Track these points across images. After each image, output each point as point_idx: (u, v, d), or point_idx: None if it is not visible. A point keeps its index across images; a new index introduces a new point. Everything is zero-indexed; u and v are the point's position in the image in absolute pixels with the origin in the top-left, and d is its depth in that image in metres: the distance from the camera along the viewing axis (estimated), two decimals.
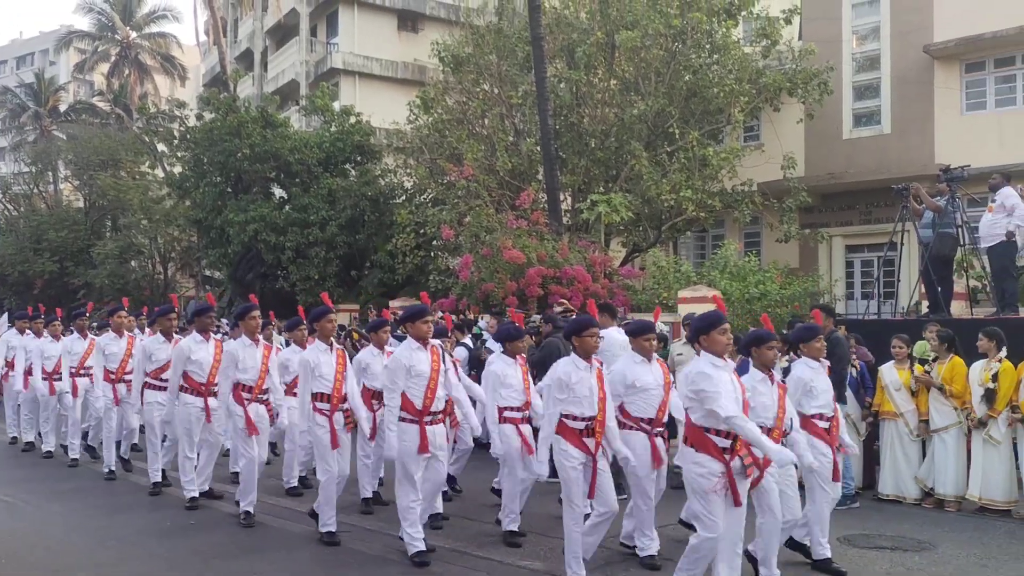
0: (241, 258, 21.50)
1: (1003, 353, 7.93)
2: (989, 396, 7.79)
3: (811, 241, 18.13)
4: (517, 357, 7.06)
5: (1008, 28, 16.50)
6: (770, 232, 18.47)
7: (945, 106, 17.69)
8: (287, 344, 9.33)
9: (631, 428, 6.01)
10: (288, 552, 6.60)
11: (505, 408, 6.89)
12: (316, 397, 6.95)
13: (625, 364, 6.12)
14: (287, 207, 20.86)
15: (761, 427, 5.13)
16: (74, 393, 10.51)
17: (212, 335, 8.36)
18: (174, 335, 9.05)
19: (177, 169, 24.35)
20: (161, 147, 25.16)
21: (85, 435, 10.81)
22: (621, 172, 17.11)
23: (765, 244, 19.65)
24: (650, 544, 6.11)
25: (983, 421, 7.88)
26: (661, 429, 6.12)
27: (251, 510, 7.38)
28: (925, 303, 12.05)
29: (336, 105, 23.14)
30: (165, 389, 8.50)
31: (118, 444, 9.95)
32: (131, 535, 7.07)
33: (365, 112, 22.20)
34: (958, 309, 11.94)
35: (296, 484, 8.76)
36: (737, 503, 4.95)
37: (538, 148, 16.78)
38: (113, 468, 9.63)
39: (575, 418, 5.69)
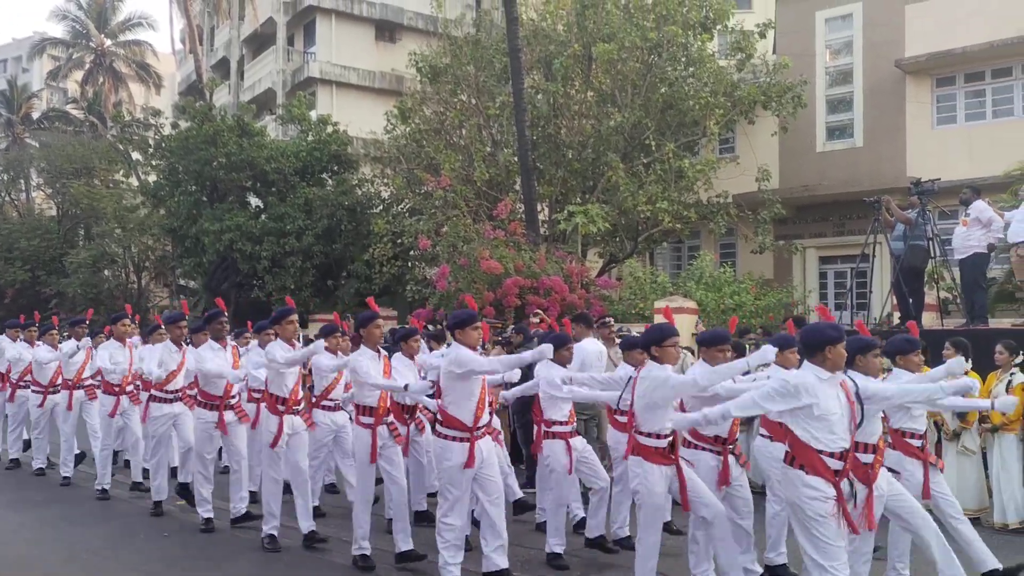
0: (216, 267, 21.36)
1: (968, 365, 8.02)
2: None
3: (785, 252, 18.33)
4: (567, 367, 6.67)
5: (978, 43, 16.80)
6: (745, 243, 18.64)
7: (916, 120, 17.96)
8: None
9: (698, 447, 5.60)
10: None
11: (553, 422, 6.54)
12: (360, 410, 6.50)
13: (699, 376, 5.56)
14: (263, 216, 20.77)
15: (860, 444, 4.80)
16: (69, 406, 9.92)
17: (228, 343, 7.95)
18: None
19: (152, 178, 24.16)
20: (136, 155, 24.99)
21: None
22: (598, 183, 17.20)
23: (740, 255, 19.82)
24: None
25: (957, 433, 7.98)
26: (732, 446, 5.71)
27: (275, 533, 6.94)
28: (897, 314, 12.20)
29: (313, 114, 23.08)
30: (173, 401, 8.20)
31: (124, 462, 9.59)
32: (101, 548, 6.98)
33: (342, 122, 22.17)
34: (929, 320, 12.10)
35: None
36: (854, 531, 4.51)
37: (515, 159, 16.83)
38: (106, 487, 9.03)
39: (656, 436, 5.26)
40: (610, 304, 15.76)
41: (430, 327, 12.20)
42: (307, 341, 7.92)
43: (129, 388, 9.13)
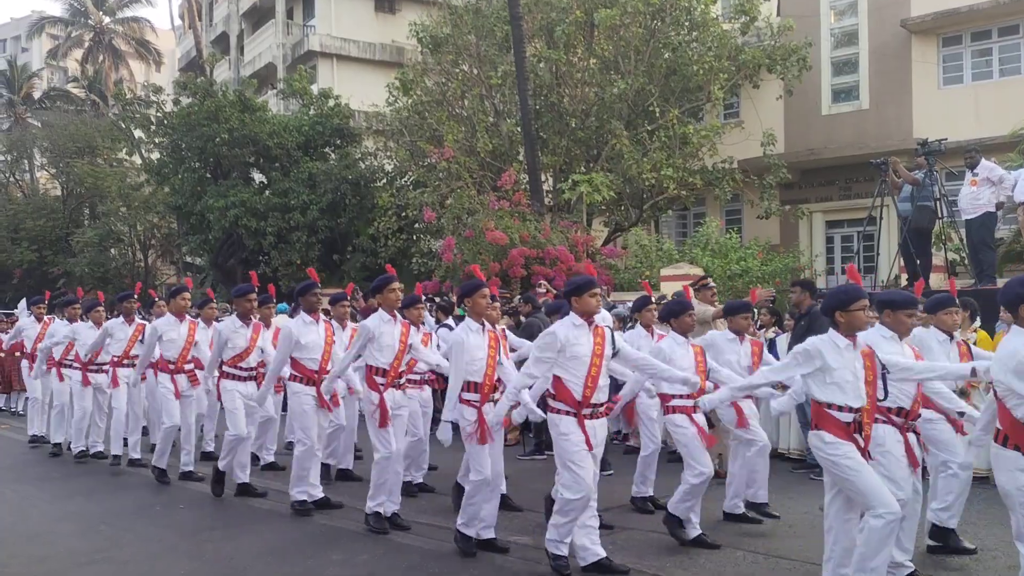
0: (222, 244, 21.41)
1: (977, 323, 8.03)
2: None
3: (791, 217, 18.26)
4: (688, 336, 6.19)
5: (984, 1, 16.60)
6: (751, 209, 18.57)
7: (922, 80, 17.80)
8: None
9: (879, 420, 4.88)
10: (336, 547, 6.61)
11: (674, 395, 6.04)
12: (464, 386, 5.85)
13: (876, 342, 4.89)
14: (267, 192, 20.77)
15: None
16: (114, 383, 9.33)
17: (321, 316, 7.29)
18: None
19: (155, 155, 24.16)
20: (138, 133, 24.96)
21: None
22: (602, 151, 17.13)
23: (746, 221, 19.76)
24: None
25: (964, 391, 7.99)
26: (914, 423, 5.02)
27: (380, 511, 6.45)
28: (904, 276, 12.18)
29: (314, 88, 23.00)
30: (246, 379, 7.65)
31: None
32: (122, 520, 7.07)
33: (344, 95, 22.08)
34: (936, 281, 12.08)
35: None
36: None
37: (518, 129, 16.76)
38: (163, 468, 8.38)
39: (839, 408, 4.60)
40: (616, 273, 15.77)
41: (436, 299, 12.25)
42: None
43: (188, 367, 8.50)
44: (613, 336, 5.34)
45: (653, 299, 7.67)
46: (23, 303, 12.45)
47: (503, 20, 17.59)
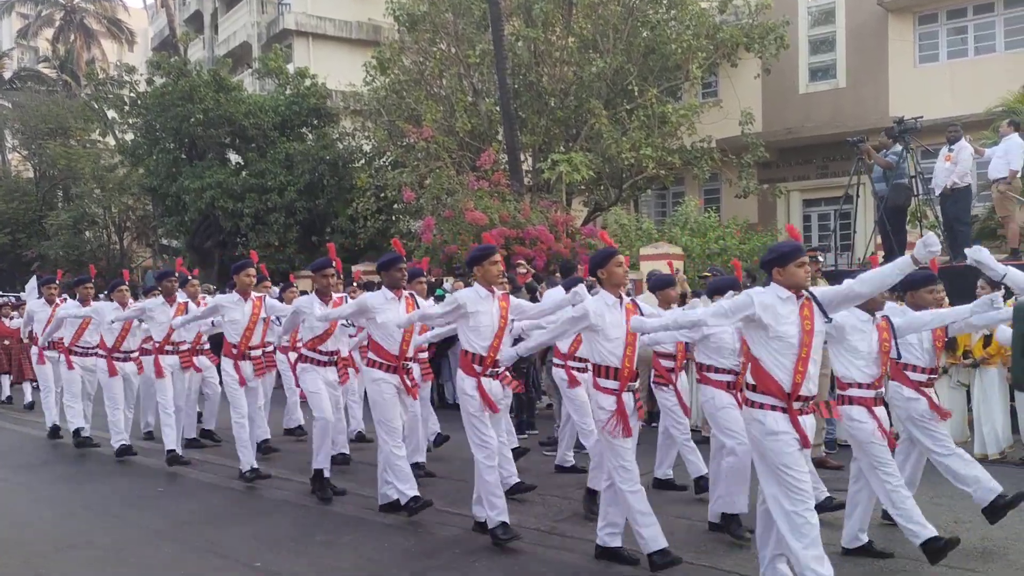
0: (198, 226, 21.22)
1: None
2: (951, 344, 8.02)
3: (769, 196, 18.36)
4: (876, 315, 5.30)
5: None
6: (729, 188, 18.65)
7: (899, 58, 17.89)
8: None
9: None
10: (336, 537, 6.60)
11: (851, 384, 5.18)
12: (598, 371, 5.09)
13: None
14: (244, 173, 20.58)
15: None
16: (158, 373, 8.50)
17: (403, 294, 6.55)
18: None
19: (129, 136, 23.85)
20: (111, 114, 24.63)
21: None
22: (581, 131, 17.10)
23: (724, 200, 19.84)
24: None
25: (946, 369, 8.13)
26: None
27: (506, 520, 5.55)
28: (881, 254, 12.28)
29: (290, 67, 22.75)
30: (328, 364, 7.00)
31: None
32: (105, 506, 7.04)
33: (320, 74, 21.86)
34: None
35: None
36: None
37: (497, 108, 16.68)
38: (256, 467, 7.62)
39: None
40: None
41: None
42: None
43: (255, 353, 7.84)
44: (822, 308, 4.32)
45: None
46: (32, 283, 11.76)
47: None
